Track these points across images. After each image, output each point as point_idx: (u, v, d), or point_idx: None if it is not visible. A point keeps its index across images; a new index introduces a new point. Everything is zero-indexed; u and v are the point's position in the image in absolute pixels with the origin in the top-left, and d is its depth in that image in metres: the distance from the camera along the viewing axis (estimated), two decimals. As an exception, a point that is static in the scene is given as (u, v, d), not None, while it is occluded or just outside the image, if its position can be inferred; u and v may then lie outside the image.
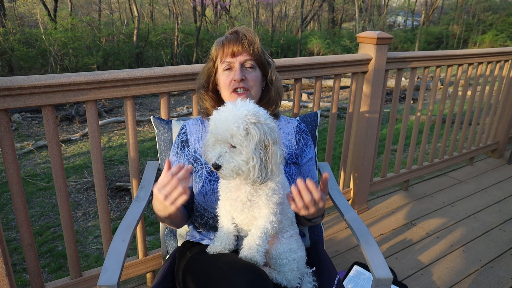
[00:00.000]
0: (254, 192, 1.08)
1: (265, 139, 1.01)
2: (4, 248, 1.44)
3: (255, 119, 1.01)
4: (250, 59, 1.29)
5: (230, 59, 1.28)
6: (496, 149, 3.69)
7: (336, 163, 4.98)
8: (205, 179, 1.26)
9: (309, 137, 1.43)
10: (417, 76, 9.79)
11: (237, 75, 1.26)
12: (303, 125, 1.45)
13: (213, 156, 1.01)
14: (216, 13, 17.22)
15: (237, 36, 1.28)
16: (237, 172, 1.01)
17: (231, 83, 1.28)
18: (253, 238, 1.09)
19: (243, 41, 1.27)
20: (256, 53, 1.29)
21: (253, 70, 1.30)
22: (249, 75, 1.29)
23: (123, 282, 1.95)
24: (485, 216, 2.68)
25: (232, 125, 0.98)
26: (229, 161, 1.00)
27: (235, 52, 1.27)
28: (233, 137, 0.99)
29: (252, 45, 1.28)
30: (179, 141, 1.37)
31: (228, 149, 1.00)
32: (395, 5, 24.85)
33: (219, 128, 1.00)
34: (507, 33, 17.47)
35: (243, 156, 1.00)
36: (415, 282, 2.01)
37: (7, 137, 1.38)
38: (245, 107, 1.02)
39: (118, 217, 3.95)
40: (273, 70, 1.37)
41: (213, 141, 1.04)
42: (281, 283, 1.13)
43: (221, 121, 1.00)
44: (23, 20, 13.71)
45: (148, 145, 6.14)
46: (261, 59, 1.31)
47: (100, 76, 1.46)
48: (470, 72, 3.01)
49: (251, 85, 1.29)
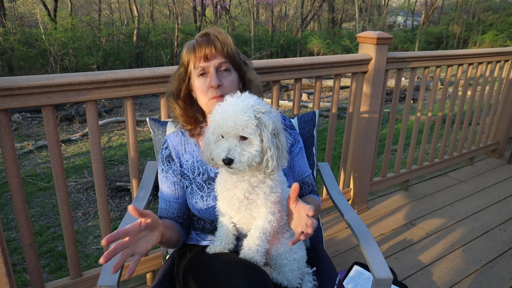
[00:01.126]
0: (251, 190, 1.07)
1: (276, 127, 1.01)
2: (4, 248, 1.44)
3: (264, 108, 1.00)
4: (224, 61, 1.21)
5: (203, 63, 1.20)
6: (496, 149, 3.69)
7: (336, 163, 4.98)
8: (197, 195, 1.24)
9: (296, 131, 1.39)
10: (417, 76, 9.79)
11: (213, 81, 1.18)
12: (288, 120, 1.42)
13: (222, 151, 0.98)
14: (216, 13, 17.22)
15: (208, 39, 1.20)
16: (250, 164, 0.98)
17: (208, 90, 1.20)
18: (252, 238, 1.09)
19: (215, 43, 1.19)
20: (231, 55, 1.22)
21: (229, 73, 1.23)
22: (225, 80, 1.21)
23: (123, 282, 1.95)
24: (485, 216, 2.68)
25: (243, 116, 0.95)
26: (241, 154, 0.97)
27: (207, 55, 1.19)
28: (244, 129, 0.96)
29: (225, 47, 1.20)
30: (163, 157, 1.31)
31: (238, 142, 0.98)
32: (395, 5, 24.85)
33: (228, 121, 0.96)
34: (507, 33, 17.47)
35: (254, 146, 0.97)
36: (415, 282, 2.01)
37: (7, 137, 1.38)
38: (249, 98, 1.01)
39: (118, 217, 3.95)
40: (250, 70, 1.31)
41: (216, 138, 1.01)
42: (282, 283, 1.13)
43: (229, 114, 0.97)
44: (23, 20, 13.71)
45: (148, 145, 6.14)
46: (235, 60, 1.24)
47: (100, 76, 1.46)
48: (470, 72, 3.01)
49: (228, 91, 1.20)
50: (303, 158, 1.38)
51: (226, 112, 0.98)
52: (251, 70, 1.32)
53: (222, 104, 1.01)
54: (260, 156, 0.99)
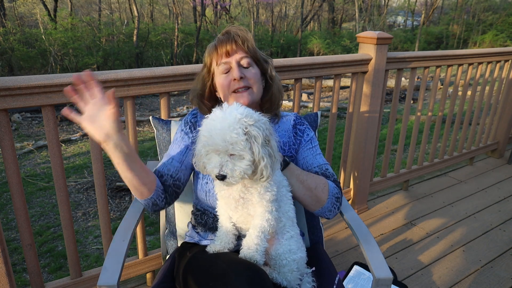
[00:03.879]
0: (245, 190, 1.07)
1: (266, 135, 1.01)
2: (4, 248, 1.44)
3: (252, 120, 0.99)
4: (245, 56, 1.24)
5: (225, 59, 1.23)
6: (496, 149, 3.69)
7: (336, 163, 4.98)
8: (208, 176, 1.23)
9: (305, 126, 1.38)
10: (417, 76, 9.78)
11: (236, 74, 1.21)
12: (298, 117, 1.41)
13: (214, 167, 0.98)
14: (216, 13, 17.22)
15: (229, 36, 1.24)
16: (243, 177, 0.99)
17: (230, 84, 1.23)
18: (251, 237, 1.09)
19: (236, 39, 1.23)
20: (251, 50, 1.25)
21: (251, 67, 1.25)
22: (248, 73, 1.24)
23: (123, 282, 1.95)
24: (485, 216, 2.68)
25: (231, 133, 0.95)
26: (234, 169, 0.97)
27: (229, 51, 1.22)
28: (234, 146, 0.95)
29: (245, 42, 1.23)
30: (188, 121, 1.33)
31: (229, 157, 0.97)
32: (395, 5, 24.85)
33: (216, 139, 0.96)
34: (507, 33, 17.46)
35: (245, 161, 0.97)
36: (415, 282, 2.01)
37: (7, 137, 1.38)
38: (236, 111, 0.99)
39: (118, 217, 3.94)
40: (272, 67, 1.33)
41: (206, 151, 1.00)
42: (281, 283, 1.13)
43: (216, 131, 0.96)
44: (23, 20, 13.72)
45: (148, 145, 6.14)
46: (257, 55, 1.27)
47: (100, 76, 1.46)
48: (470, 72, 3.01)
49: (252, 83, 1.24)
50: (310, 150, 1.34)
51: (214, 130, 0.96)
52: (272, 68, 1.32)
53: (209, 119, 1.00)
54: (252, 167, 0.99)
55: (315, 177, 1.25)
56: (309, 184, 1.22)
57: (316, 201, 1.23)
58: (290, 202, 1.19)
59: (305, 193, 1.22)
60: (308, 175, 1.24)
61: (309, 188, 1.22)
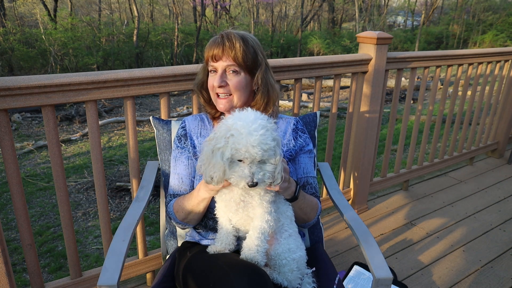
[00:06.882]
0: (246, 193, 1.09)
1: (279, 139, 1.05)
2: (4, 248, 1.44)
3: (272, 125, 1.03)
4: (232, 64, 1.25)
5: (212, 63, 1.28)
6: (496, 149, 3.69)
7: (336, 163, 4.98)
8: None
9: (306, 135, 1.43)
10: (417, 76, 9.78)
11: (216, 81, 1.27)
12: (300, 123, 1.44)
13: (245, 177, 0.99)
14: (216, 13, 17.22)
15: (221, 40, 1.26)
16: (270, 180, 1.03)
17: (213, 87, 1.29)
18: (251, 239, 1.09)
19: (224, 47, 1.24)
20: (239, 58, 1.24)
21: (236, 74, 1.27)
22: (231, 81, 1.27)
23: (123, 282, 1.95)
24: (485, 216, 2.68)
25: (265, 140, 0.98)
26: (265, 175, 1.01)
27: (215, 56, 1.26)
28: (268, 152, 0.99)
29: (233, 51, 1.23)
30: (179, 135, 1.39)
31: (255, 165, 1.00)
32: (395, 5, 24.84)
33: (252, 151, 0.97)
34: (507, 33, 17.46)
35: (270, 164, 1.02)
36: (415, 282, 2.01)
37: (7, 137, 1.38)
38: (259, 119, 1.01)
39: (118, 217, 3.94)
40: (264, 71, 1.31)
41: (228, 160, 1.00)
42: (282, 284, 1.13)
43: (250, 141, 0.97)
44: (23, 20, 13.71)
45: (148, 145, 6.14)
46: (245, 63, 1.26)
47: (100, 76, 1.46)
48: (470, 72, 3.01)
49: (233, 90, 1.28)
50: (310, 159, 1.41)
51: (246, 139, 0.97)
52: (264, 71, 1.32)
53: (234, 129, 1.00)
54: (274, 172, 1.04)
55: (310, 201, 1.32)
56: (306, 209, 1.30)
57: (304, 220, 1.34)
58: (288, 202, 1.21)
59: (299, 216, 1.29)
60: (305, 201, 1.29)
61: (305, 213, 1.31)
